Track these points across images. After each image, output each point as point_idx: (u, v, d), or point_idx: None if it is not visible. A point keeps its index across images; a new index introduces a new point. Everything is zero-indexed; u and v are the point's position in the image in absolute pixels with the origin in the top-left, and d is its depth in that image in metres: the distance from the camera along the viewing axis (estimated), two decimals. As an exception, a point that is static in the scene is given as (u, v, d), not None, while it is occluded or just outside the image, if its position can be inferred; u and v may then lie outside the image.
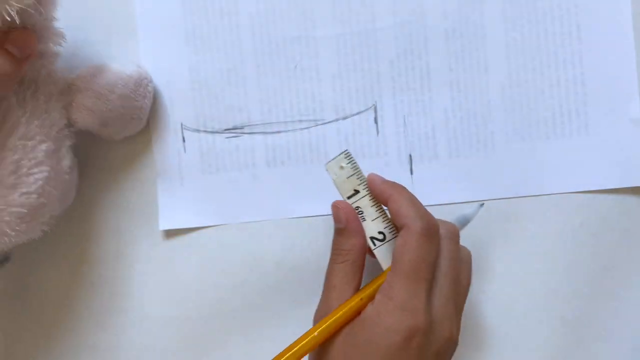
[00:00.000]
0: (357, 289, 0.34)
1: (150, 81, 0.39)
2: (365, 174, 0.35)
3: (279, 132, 0.40)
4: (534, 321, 0.40)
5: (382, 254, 0.34)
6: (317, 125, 0.40)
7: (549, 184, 0.40)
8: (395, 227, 0.34)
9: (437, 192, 0.40)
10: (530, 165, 0.40)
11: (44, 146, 0.33)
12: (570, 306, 0.40)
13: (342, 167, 0.35)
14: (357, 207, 0.35)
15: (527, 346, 0.40)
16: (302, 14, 0.40)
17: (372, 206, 0.35)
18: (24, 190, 0.32)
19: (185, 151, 0.41)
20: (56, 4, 0.34)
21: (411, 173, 0.40)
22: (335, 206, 0.35)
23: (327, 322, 0.32)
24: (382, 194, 0.34)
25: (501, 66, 0.39)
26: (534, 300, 0.40)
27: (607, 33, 0.38)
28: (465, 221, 0.37)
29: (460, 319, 0.34)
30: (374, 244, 0.34)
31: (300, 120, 0.40)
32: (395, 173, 0.40)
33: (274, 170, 0.41)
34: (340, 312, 0.32)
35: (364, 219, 0.35)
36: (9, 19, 0.29)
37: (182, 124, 0.41)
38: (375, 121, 0.40)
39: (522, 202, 0.40)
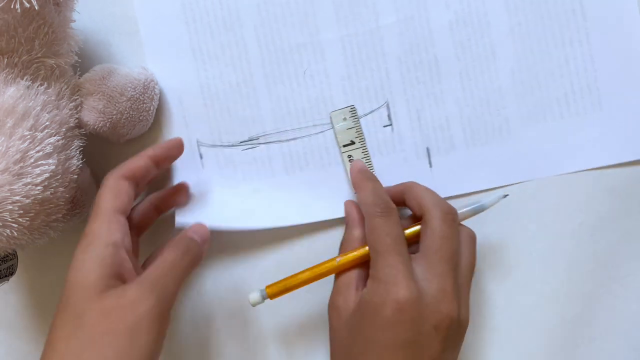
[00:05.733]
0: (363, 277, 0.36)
1: (157, 83, 0.40)
2: (383, 172, 0.38)
3: (294, 138, 0.41)
4: (534, 321, 0.40)
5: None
6: (331, 128, 0.40)
7: (568, 162, 0.40)
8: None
9: (458, 183, 0.40)
10: (547, 145, 0.40)
11: (52, 140, 0.33)
12: (569, 306, 0.40)
13: (345, 119, 0.40)
14: (350, 155, 0.40)
15: (527, 346, 0.41)
16: (305, 19, 0.40)
17: (362, 158, 0.40)
18: (29, 180, 0.32)
19: (203, 167, 0.41)
20: (73, 7, 0.35)
21: (430, 166, 0.40)
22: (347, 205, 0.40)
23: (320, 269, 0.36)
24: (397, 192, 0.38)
25: (508, 51, 0.39)
26: (533, 300, 0.40)
27: (612, 6, 0.38)
28: (480, 209, 0.37)
29: (467, 299, 0.35)
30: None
31: (315, 125, 0.41)
32: (413, 168, 0.40)
33: (293, 177, 0.41)
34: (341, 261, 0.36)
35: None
36: (27, 5, 0.30)
37: (197, 141, 0.41)
38: (389, 118, 0.40)
39: (521, 202, 0.40)
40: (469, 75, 0.40)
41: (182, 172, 0.41)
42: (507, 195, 0.38)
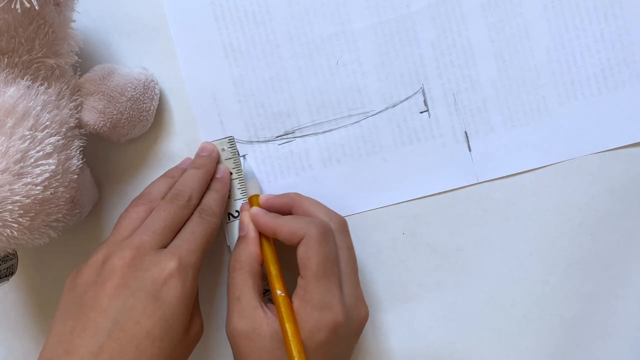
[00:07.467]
0: (261, 295, 0.36)
1: (157, 83, 0.40)
2: (422, 159, 0.38)
3: (330, 130, 0.40)
4: (533, 321, 0.40)
5: (231, 229, 0.40)
6: (367, 118, 0.40)
7: (609, 138, 0.39)
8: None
9: (499, 165, 0.40)
10: (587, 122, 0.39)
11: (53, 140, 0.33)
12: (569, 306, 0.40)
13: (223, 150, 0.40)
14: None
15: (527, 346, 0.41)
16: (336, 9, 0.40)
17: (238, 188, 0.40)
18: (29, 180, 0.31)
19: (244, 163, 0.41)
20: (73, 6, 0.35)
21: (469, 150, 0.40)
22: (242, 211, 0.39)
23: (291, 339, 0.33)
24: (268, 229, 0.36)
25: (542, 29, 0.39)
26: (533, 300, 0.40)
27: (646, -22, 0.38)
28: (253, 175, 0.40)
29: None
30: (229, 219, 0.40)
31: (350, 115, 0.40)
32: (452, 153, 0.40)
33: (330, 169, 0.41)
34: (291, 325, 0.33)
35: (229, 197, 0.40)
36: (28, 5, 0.30)
37: (234, 138, 0.41)
38: (425, 104, 0.40)
39: (521, 201, 0.40)
40: (503, 57, 0.39)
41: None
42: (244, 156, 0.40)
